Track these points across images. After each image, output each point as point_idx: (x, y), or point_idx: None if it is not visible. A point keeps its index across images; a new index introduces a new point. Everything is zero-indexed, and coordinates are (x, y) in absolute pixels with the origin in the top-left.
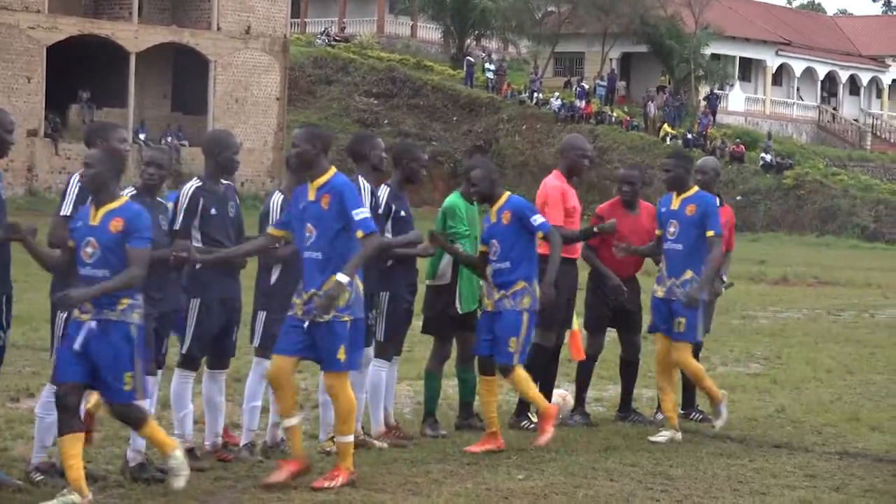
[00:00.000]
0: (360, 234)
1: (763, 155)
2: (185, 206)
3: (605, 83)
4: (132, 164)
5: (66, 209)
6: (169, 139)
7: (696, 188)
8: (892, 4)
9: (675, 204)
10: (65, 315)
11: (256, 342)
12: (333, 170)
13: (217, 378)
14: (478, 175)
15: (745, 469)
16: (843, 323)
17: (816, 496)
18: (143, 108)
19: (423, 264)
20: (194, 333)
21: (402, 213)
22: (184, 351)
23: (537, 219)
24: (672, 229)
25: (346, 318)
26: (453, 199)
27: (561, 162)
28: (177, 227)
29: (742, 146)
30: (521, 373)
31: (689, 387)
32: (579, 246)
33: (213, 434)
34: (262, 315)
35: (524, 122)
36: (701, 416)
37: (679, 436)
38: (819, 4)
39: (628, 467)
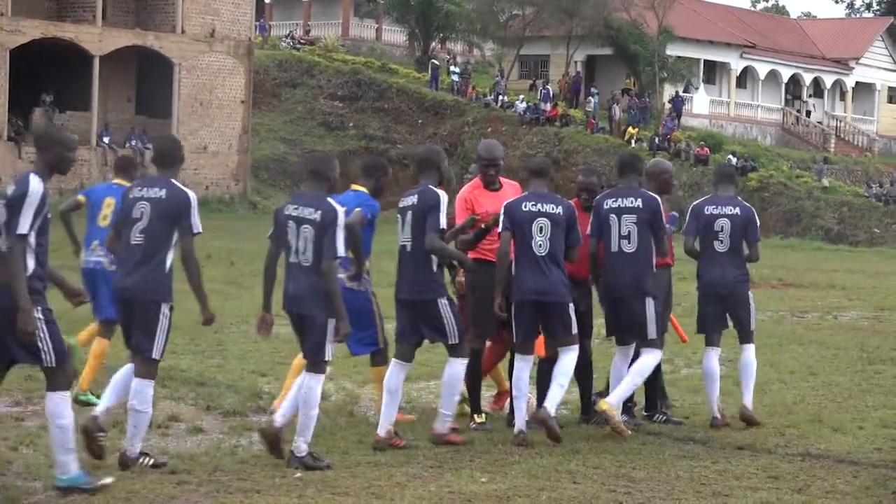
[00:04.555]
0: None
1: (730, 157)
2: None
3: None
4: (96, 167)
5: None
6: (133, 142)
7: None
8: (856, 7)
9: None
10: None
11: None
12: None
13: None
14: None
15: (707, 471)
16: (806, 325)
17: (779, 497)
18: (108, 112)
19: None
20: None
21: None
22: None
23: None
24: None
25: None
26: None
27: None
28: None
29: (707, 148)
30: None
31: (650, 388)
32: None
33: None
34: None
35: (489, 124)
36: (665, 418)
37: None
38: (783, 7)
39: (591, 469)
